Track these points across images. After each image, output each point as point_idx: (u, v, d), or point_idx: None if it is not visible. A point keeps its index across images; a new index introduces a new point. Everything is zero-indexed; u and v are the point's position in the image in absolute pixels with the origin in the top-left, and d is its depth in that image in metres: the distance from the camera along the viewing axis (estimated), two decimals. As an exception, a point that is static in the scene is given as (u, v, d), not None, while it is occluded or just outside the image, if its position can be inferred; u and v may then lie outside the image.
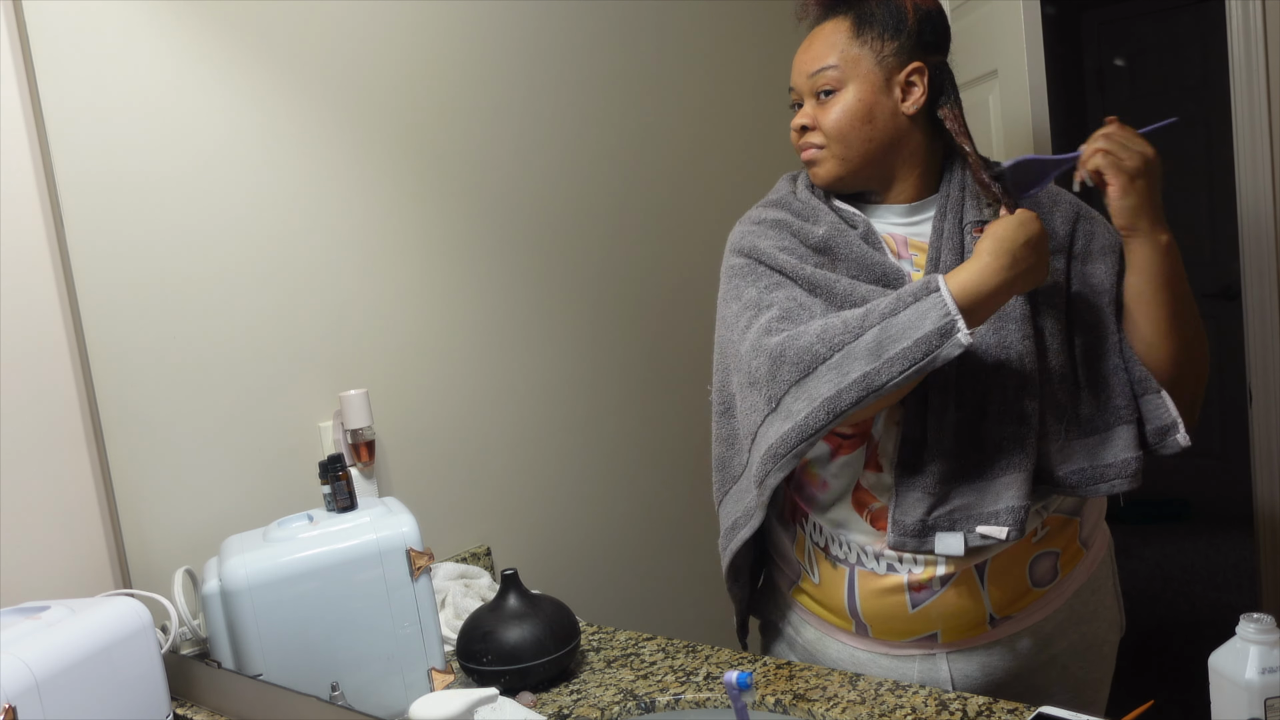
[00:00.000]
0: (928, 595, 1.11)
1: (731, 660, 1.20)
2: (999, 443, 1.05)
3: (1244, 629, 0.80)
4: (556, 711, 1.13)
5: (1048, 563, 1.13)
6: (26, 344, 1.22)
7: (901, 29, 1.11)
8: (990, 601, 1.11)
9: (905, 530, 1.06)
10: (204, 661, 1.18)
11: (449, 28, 1.58)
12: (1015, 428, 1.05)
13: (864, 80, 1.11)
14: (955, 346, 0.96)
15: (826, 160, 1.14)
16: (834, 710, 1.05)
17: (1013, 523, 1.03)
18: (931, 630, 1.13)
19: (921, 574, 1.10)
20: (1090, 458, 1.07)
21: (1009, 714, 0.99)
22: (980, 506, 1.05)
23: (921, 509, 1.06)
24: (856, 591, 1.14)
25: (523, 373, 1.68)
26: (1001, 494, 1.04)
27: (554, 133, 1.73)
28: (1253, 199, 1.70)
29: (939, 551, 1.06)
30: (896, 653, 1.16)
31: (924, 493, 1.06)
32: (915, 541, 1.06)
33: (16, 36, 1.22)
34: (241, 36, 1.34)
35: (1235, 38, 1.68)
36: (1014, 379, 1.05)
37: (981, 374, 1.06)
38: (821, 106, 1.13)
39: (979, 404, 1.06)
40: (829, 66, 1.12)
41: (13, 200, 1.22)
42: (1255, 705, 0.78)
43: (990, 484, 1.05)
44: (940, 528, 1.05)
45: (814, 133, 1.14)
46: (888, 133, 1.12)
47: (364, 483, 1.42)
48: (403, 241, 1.52)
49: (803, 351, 1.03)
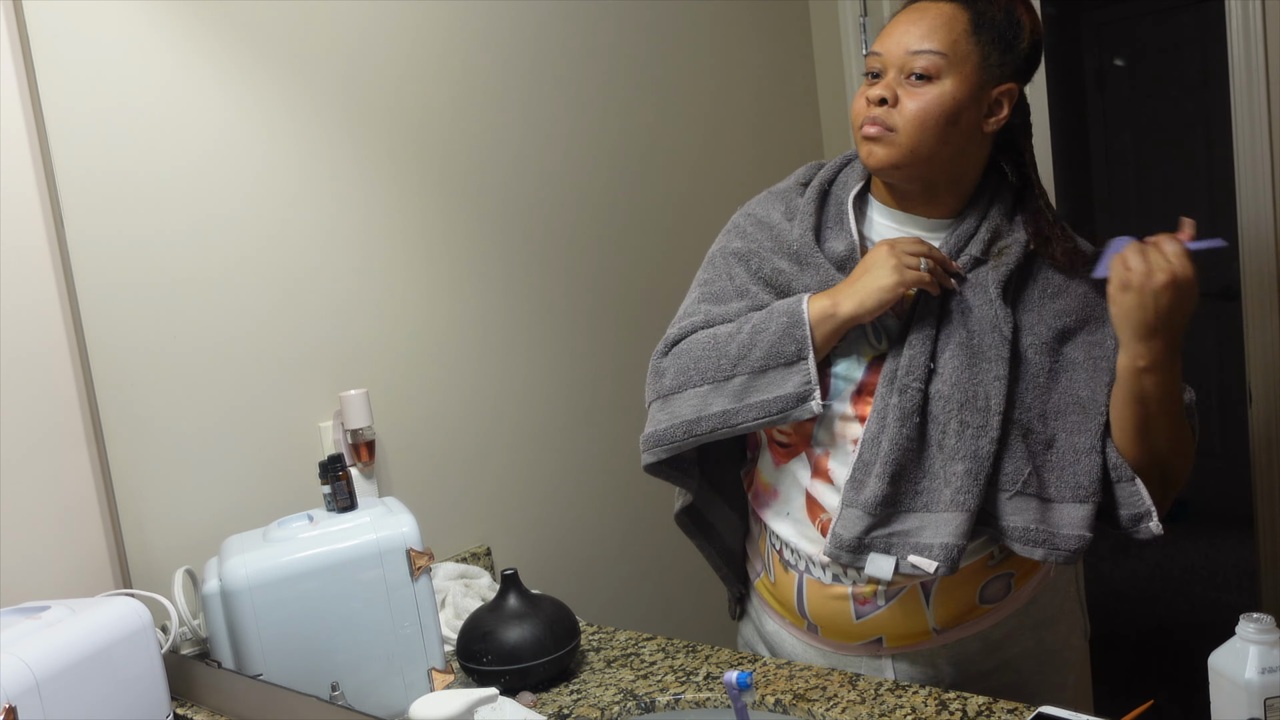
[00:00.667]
0: (871, 609, 1.12)
1: (731, 660, 1.20)
2: (949, 478, 1.04)
3: (1244, 629, 0.80)
4: (556, 711, 1.13)
5: (1001, 584, 1.14)
6: (27, 344, 1.22)
7: (1015, 44, 1.06)
8: (934, 618, 1.12)
9: (841, 544, 1.07)
10: (204, 661, 1.18)
11: (450, 28, 1.58)
12: (968, 465, 1.03)
13: (964, 81, 1.04)
14: (807, 412, 1.07)
15: (891, 145, 1.06)
16: (834, 710, 1.05)
17: (944, 559, 1.03)
18: (876, 636, 1.14)
19: (865, 588, 1.11)
20: (1039, 520, 1.04)
21: (1009, 714, 0.99)
22: (918, 536, 1.05)
23: (860, 527, 1.06)
24: (805, 596, 1.16)
25: (523, 373, 1.68)
26: (941, 529, 1.04)
27: (554, 133, 1.73)
28: (1253, 199, 1.70)
29: (868, 572, 1.06)
30: (844, 653, 1.18)
31: (865, 512, 1.06)
32: (849, 556, 1.07)
33: (17, 37, 1.22)
34: (242, 37, 1.34)
35: (1235, 38, 1.68)
36: (976, 419, 1.04)
37: (947, 407, 1.05)
38: (910, 89, 1.04)
39: (938, 437, 1.05)
40: (937, 51, 1.03)
41: (13, 200, 1.22)
42: (1255, 705, 0.78)
43: (933, 516, 1.05)
44: (875, 548, 1.06)
45: (890, 112, 1.05)
46: (962, 142, 1.07)
47: (364, 483, 1.42)
48: (403, 242, 1.52)
49: (680, 371, 1.14)
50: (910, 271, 1.04)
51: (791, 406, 1.07)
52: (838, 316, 1.07)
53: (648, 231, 1.90)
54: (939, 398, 1.05)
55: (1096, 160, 3.95)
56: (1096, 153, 3.96)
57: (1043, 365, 1.07)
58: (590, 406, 1.78)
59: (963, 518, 1.03)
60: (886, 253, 1.06)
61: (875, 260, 1.06)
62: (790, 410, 1.08)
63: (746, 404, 1.09)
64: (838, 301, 1.07)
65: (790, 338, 1.08)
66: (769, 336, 1.09)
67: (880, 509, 1.05)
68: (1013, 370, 1.06)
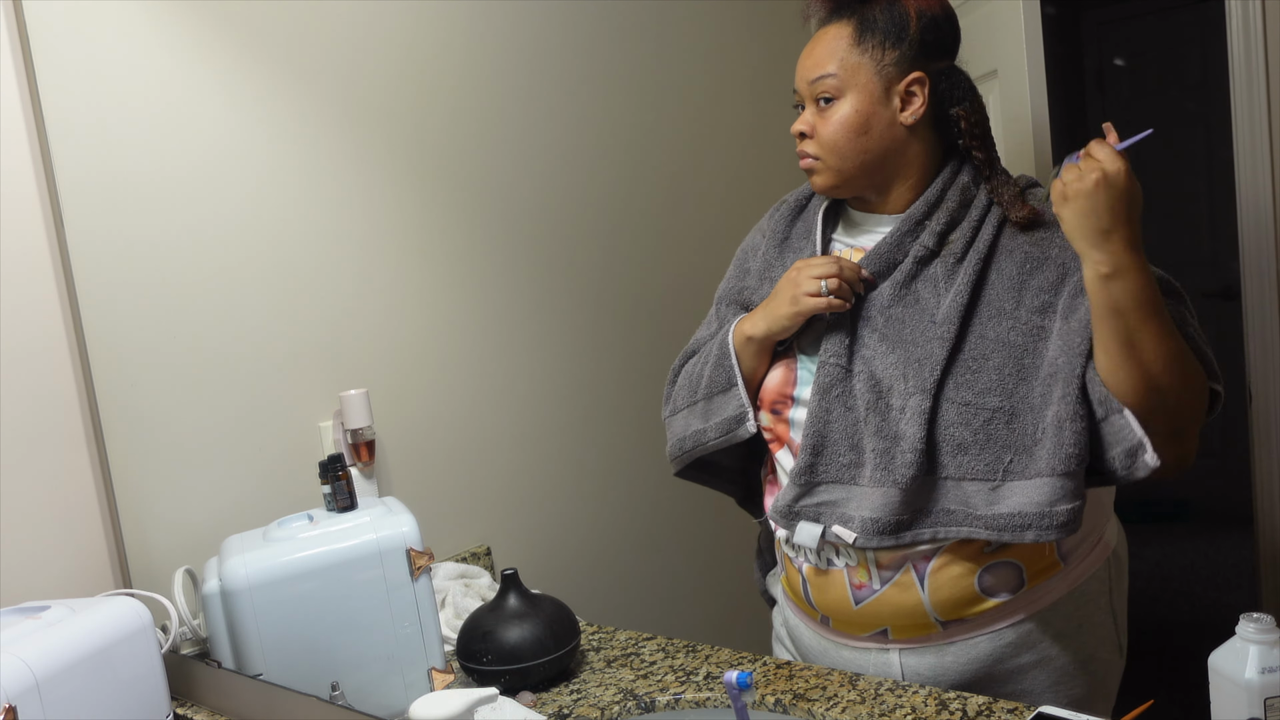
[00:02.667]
0: (868, 593, 1.13)
1: (731, 660, 1.20)
2: (871, 455, 1.08)
3: (1244, 629, 0.80)
4: (556, 711, 1.13)
5: (1005, 574, 1.10)
6: (27, 344, 1.22)
7: (904, 37, 1.10)
8: (930, 604, 1.11)
9: (778, 510, 1.14)
10: (204, 661, 1.18)
11: (450, 29, 1.58)
12: (885, 444, 1.07)
13: (862, 90, 1.11)
14: (745, 432, 1.18)
15: (822, 171, 1.15)
16: (834, 710, 1.05)
17: (862, 531, 1.07)
18: (881, 626, 1.14)
19: (858, 571, 1.13)
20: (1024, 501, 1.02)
21: (1009, 714, 0.99)
22: (843, 507, 1.10)
23: (790, 496, 1.13)
24: (808, 585, 1.18)
25: (523, 372, 1.68)
26: (863, 502, 1.08)
27: (554, 134, 1.73)
28: (1253, 199, 1.70)
29: (796, 539, 1.13)
30: (854, 645, 1.17)
31: (795, 483, 1.12)
32: (784, 523, 1.14)
33: (17, 37, 1.22)
34: (242, 38, 1.34)
35: (1235, 38, 1.68)
36: (897, 400, 1.07)
37: (873, 386, 1.09)
38: (820, 115, 1.13)
39: (863, 414, 1.09)
40: (828, 74, 1.12)
41: (13, 201, 1.22)
42: (1255, 705, 0.78)
43: (857, 490, 1.09)
44: (805, 516, 1.12)
45: (810, 141, 1.15)
46: (884, 144, 1.12)
47: (364, 483, 1.42)
48: (403, 242, 1.52)
49: (674, 395, 1.29)
50: (807, 300, 1.11)
51: (734, 427, 1.19)
52: (754, 340, 1.17)
53: (647, 232, 1.90)
54: (862, 376, 1.10)
55: (1096, 160, 3.95)
56: (1096, 153, 3.95)
57: (1024, 346, 1.06)
58: (590, 406, 1.78)
59: (882, 493, 1.06)
60: (790, 279, 1.14)
61: (781, 286, 1.15)
62: (734, 430, 1.19)
63: (710, 424, 1.22)
64: (755, 324, 1.17)
65: (722, 367, 1.20)
66: (711, 366, 1.22)
67: (803, 478, 1.12)
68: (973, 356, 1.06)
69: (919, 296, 1.11)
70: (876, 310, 1.13)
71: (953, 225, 1.13)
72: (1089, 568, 1.15)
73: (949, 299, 1.09)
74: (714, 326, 1.29)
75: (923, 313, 1.10)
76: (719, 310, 1.30)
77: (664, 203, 1.93)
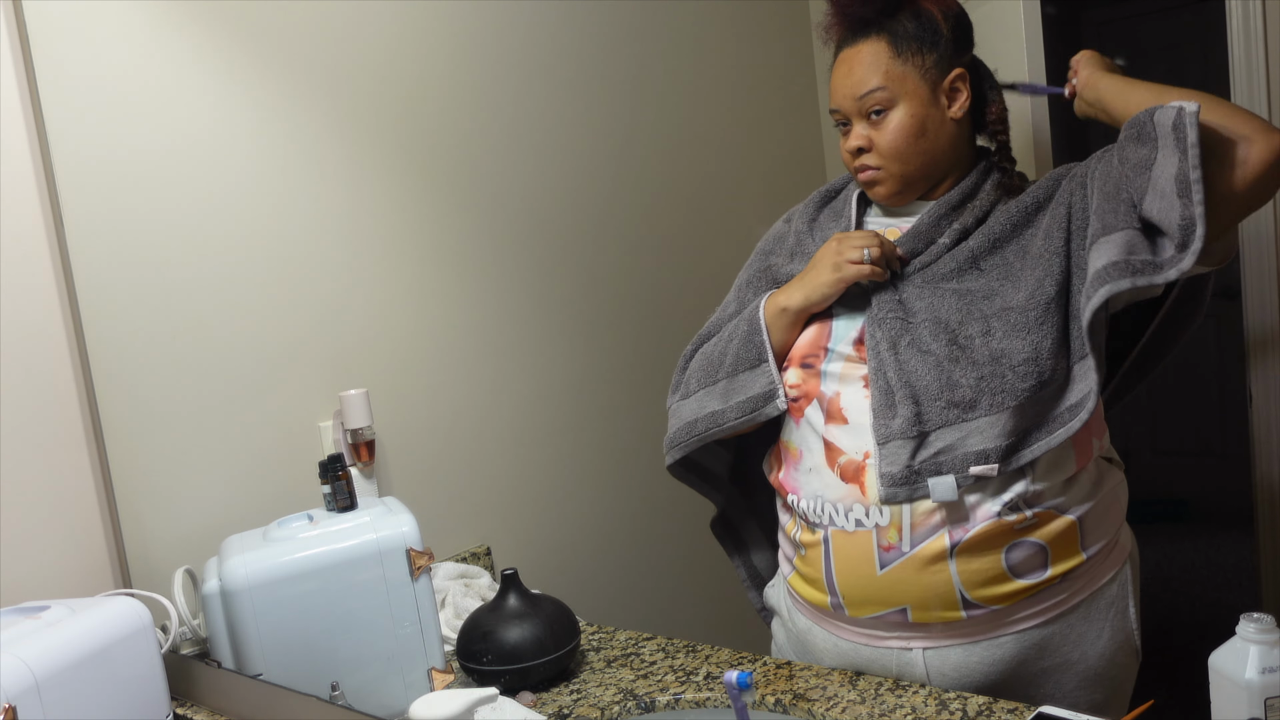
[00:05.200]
0: (895, 555, 1.08)
1: (731, 660, 1.20)
2: (979, 381, 1.06)
3: (1244, 629, 0.80)
4: (556, 711, 1.13)
5: (1031, 552, 1.08)
6: (26, 344, 1.22)
7: (938, 39, 1.16)
8: (960, 579, 1.07)
9: (894, 480, 1.07)
10: (204, 661, 1.18)
11: (451, 27, 1.58)
12: (987, 369, 1.06)
13: (912, 96, 1.15)
14: (774, 409, 1.18)
15: (886, 179, 1.18)
16: (834, 710, 1.05)
17: (1000, 459, 1.05)
18: (901, 604, 1.09)
19: (888, 527, 1.08)
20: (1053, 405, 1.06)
21: (1009, 714, 0.99)
22: (964, 447, 1.06)
23: (905, 456, 1.07)
24: (832, 556, 1.13)
25: (523, 373, 1.68)
26: (985, 432, 1.06)
27: (554, 134, 1.73)
28: (1253, 199, 1.70)
29: (935, 497, 1.06)
30: (875, 644, 1.13)
31: (904, 439, 1.08)
32: (906, 490, 1.07)
33: (16, 36, 1.22)
34: (243, 36, 1.34)
35: (1235, 38, 1.68)
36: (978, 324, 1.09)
37: (934, 330, 1.10)
38: (874, 127, 1.16)
39: (946, 347, 1.09)
40: (877, 89, 1.15)
41: (13, 200, 1.22)
42: (1255, 705, 0.78)
43: (970, 424, 1.06)
44: (928, 473, 1.07)
45: (870, 154, 1.18)
46: (940, 142, 1.17)
47: (364, 483, 1.42)
48: (403, 241, 1.52)
49: (685, 381, 1.28)
50: (850, 266, 1.14)
51: (761, 405, 1.19)
52: (789, 311, 1.19)
53: (647, 232, 1.90)
54: (926, 323, 1.11)
55: (1096, 160, 3.95)
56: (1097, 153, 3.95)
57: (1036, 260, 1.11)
58: (590, 406, 1.78)
59: (995, 419, 1.05)
60: (832, 249, 1.16)
61: (821, 256, 1.17)
62: (761, 408, 1.18)
63: (730, 404, 1.21)
64: (790, 295, 1.19)
65: (751, 344, 1.20)
66: (738, 344, 1.22)
67: (914, 429, 1.08)
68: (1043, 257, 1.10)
69: (959, 265, 1.15)
70: (919, 276, 1.16)
71: (988, 210, 1.17)
72: (1109, 569, 1.14)
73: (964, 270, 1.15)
74: (732, 309, 1.30)
75: (964, 275, 1.14)
76: (740, 294, 1.31)
77: (664, 202, 1.93)
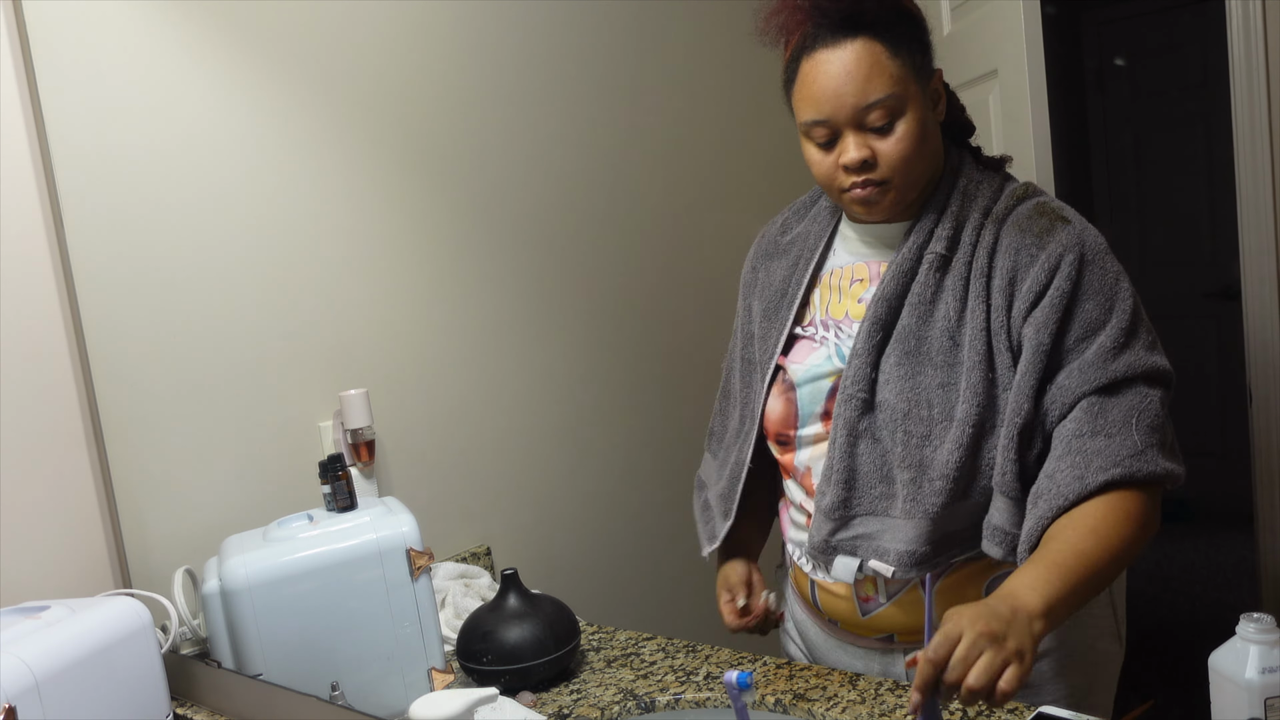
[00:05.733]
0: (875, 606, 1.13)
1: (731, 660, 1.20)
2: (901, 486, 1.06)
3: (1244, 629, 0.80)
4: (556, 711, 1.13)
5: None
6: (26, 344, 1.22)
7: (924, 38, 1.07)
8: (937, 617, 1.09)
9: (815, 546, 1.12)
10: (204, 661, 1.18)
11: (451, 27, 1.58)
12: (913, 474, 1.05)
13: (914, 101, 1.03)
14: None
15: (888, 194, 1.05)
16: (834, 710, 1.05)
17: (898, 564, 1.05)
18: (887, 633, 1.15)
19: (864, 586, 1.13)
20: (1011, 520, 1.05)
21: (1009, 713, 0.99)
22: (879, 540, 1.08)
23: (826, 530, 1.10)
24: (817, 594, 1.18)
25: (523, 373, 1.68)
26: (897, 534, 1.06)
27: (554, 133, 1.73)
28: (1253, 199, 1.70)
29: (834, 574, 1.12)
30: (860, 644, 1.18)
31: (827, 517, 1.10)
32: (822, 558, 1.13)
33: (16, 36, 1.22)
34: (243, 35, 1.34)
35: (1235, 38, 1.68)
36: (920, 428, 1.05)
37: (893, 416, 1.06)
38: (879, 139, 1.03)
39: (889, 445, 1.07)
40: (889, 96, 1.01)
41: (12, 200, 1.21)
42: (1255, 705, 0.78)
43: (891, 521, 1.07)
44: (842, 550, 1.10)
45: (875, 169, 1.04)
46: (934, 148, 1.08)
47: (364, 483, 1.42)
48: (403, 241, 1.52)
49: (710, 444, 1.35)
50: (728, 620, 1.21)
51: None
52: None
53: (647, 231, 1.90)
54: (885, 407, 1.06)
55: (1096, 160, 3.95)
56: (1096, 153, 3.95)
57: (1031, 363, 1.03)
58: (591, 406, 1.78)
59: (915, 525, 1.05)
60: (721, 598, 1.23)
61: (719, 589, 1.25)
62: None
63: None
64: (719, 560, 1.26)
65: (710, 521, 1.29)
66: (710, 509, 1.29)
67: (838, 513, 1.09)
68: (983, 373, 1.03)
69: (939, 311, 1.07)
70: (899, 331, 1.08)
71: (960, 224, 1.08)
72: None
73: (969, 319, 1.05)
74: (736, 339, 1.30)
75: (945, 331, 1.06)
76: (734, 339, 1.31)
77: (664, 202, 1.93)
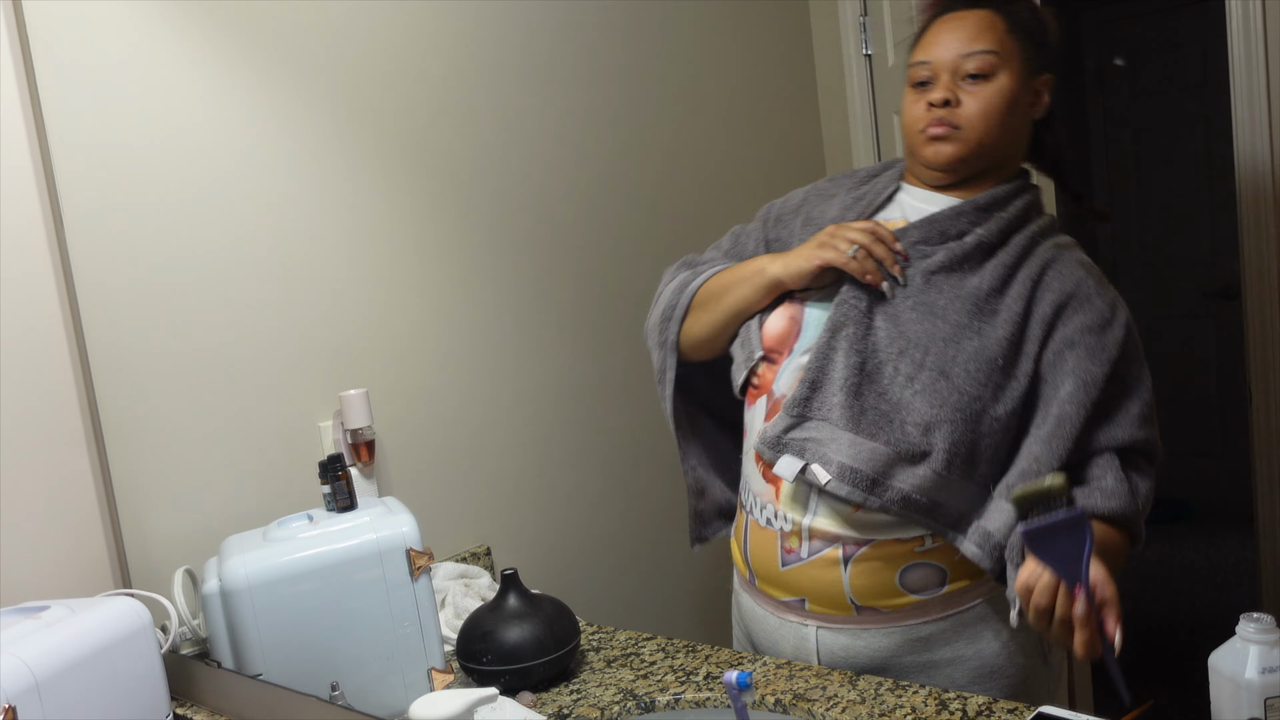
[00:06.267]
0: (794, 559, 1.14)
1: (731, 660, 1.20)
2: (866, 408, 1.08)
3: (1244, 629, 0.80)
4: (556, 711, 1.13)
5: (928, 574, 1.12)
6: (26, 344, 1.22)
7: (1045, 39, 1.15)
8: (850, 587, 1.12)
9: (767, 440, 1.13)
10: (204, 661, 1.18)
11: (451, 26, 1.58)
12: (885, 407, 1.07)
13: (1014, 74, 1.12)
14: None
15: (958, 141, 1.12)
16: (834, 710, 1.05)
17: (838, 475, 1.07)
18: (800, 595, 1.16)
19: (790, 534, 1.14)
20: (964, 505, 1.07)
21: (1009, 714, 1.00)
22: (827, 448, 1.08)
23: (783, 425, 1.12)
24: (748, 539, 1.20)
25: (523, 372, 1.68)
26: (847, 448, 1.07)
27: (554, 133, 1.73)
28: (1253, 199, 1.70)
29: (776, 469, 1.12)
30: (778, 615, 1.19)
31: (786, 412, 1.12)
32: (769, 453, 1.13)
33: (16, 36, 1.22)
34: (243, 35, 1.34)
35: (1235, 38, 1.68)
36: (906, 367, 1.08)
37: (889, 348, 1.09)
38: (967, 89, 1.12)
39: (872, 370, 1.09)
40: (989, 50, 1.10)
41: (13, 200, 1.22)
42: (1255, 705, 0.78)
43: (844, 434, 1.08)
44: (790, 449, 1.11)
45: (954, 112, 1.12)
46: (1015, 131, 1.14)
47: (364, 483, 1.42)
48: (404, 241, 1.52)
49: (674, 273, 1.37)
50: (829, 251, 1.12)
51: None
52: (765, 273, 1.18)
53: (647, 231, 1.90)
54: (881, 333, 1.10)
55: (1096, 160, 3.95)
56: (1096, 153, 3.96)
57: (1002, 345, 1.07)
58: (591, 406, 1.78)
59: (869, 447, 1.06)
60: (826, 232, 1.15)
61: (816, 236, 1.16)
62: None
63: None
64: (773, 261, 1.18)
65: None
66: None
67: (796, 410, 1.11)
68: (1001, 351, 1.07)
69: (970, 280, 1.11)
70: (919, 272, 1.12)
71: (1017, 226, 1.14)
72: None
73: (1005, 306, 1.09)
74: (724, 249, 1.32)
75: (972, 297, 1.09)
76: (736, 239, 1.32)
77: (665, 202, 1.93)
